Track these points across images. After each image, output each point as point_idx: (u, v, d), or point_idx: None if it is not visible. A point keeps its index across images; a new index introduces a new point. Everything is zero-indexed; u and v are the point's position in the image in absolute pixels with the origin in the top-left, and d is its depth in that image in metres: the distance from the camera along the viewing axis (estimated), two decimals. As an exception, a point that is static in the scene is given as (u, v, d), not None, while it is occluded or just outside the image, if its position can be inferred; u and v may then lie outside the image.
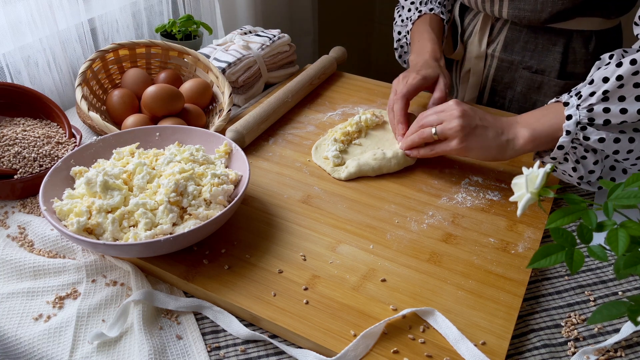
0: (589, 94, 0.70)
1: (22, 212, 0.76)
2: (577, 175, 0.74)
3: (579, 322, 0.62)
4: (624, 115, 0.68)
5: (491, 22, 0.99)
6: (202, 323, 0.61)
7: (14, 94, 0.86)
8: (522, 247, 0.69)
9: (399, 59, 1.10)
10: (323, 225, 0.72)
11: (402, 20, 1.05)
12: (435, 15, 1.00)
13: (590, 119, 0.69)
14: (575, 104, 0.71)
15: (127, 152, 0.75)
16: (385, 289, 0.63)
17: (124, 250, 0.62)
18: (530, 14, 0.90)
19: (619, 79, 0.67)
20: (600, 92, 0.68)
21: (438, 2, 1.02)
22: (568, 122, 0.70)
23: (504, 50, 0.99)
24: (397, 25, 1.06)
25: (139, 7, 1.21)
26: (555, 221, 0.45)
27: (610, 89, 0.68)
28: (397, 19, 1.07)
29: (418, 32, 0.98)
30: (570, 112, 0.70)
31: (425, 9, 1.00)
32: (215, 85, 0.96)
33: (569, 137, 0.70)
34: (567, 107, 0.71)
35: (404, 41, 1.04)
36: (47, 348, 0.58)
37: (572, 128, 0.70)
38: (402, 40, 1.05)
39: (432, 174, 0.82)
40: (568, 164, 0.74)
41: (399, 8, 1.08)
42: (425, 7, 1.00)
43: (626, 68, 0.67)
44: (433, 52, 0.93)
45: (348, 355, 0.55)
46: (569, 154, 0.72)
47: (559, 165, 0.75)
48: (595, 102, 0.69)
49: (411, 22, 1.00)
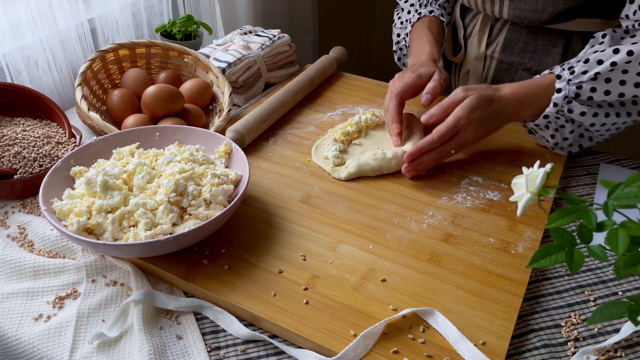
0: (581, 71, 0.76)
1: (22, 212, 0.76)
2: (554, 142, 0.83)
3: (579, 322, 0.62)
4: (607, 97, 0.75)
5: (490, 23, 0.99)
6: (202, 323, 0.61)
7: (14, 94, 0.86)
8: (522, 247, 0.69)
9: (398, 61, 1.09)
10: (323, 225, 0.72)
11: (401, 22, 1.04)
12: (435, 18, 0.99)
13: (576, 94, 0.76)
14: (567, 78, 0.77)
15: (127, 152, 0.75)
16: (385, 289, 0.63)
17: (124, 250, 0.62)
18: (531, 14, 0.90)
19: (613, 65, 0.74)
20: (592, 72, 0.75)
21: (438, 4, 1.01)
22: (557, 95, 0.77)
23: (504, 51, 0.98)
24: (396, 28, 1.06)
25: (139, 7, 1.21)
26: (555, 221, 0.45)
27: (602, 72, 0.74)
28: (397, 21, 1.06)
29: (417, 35, 0.97)
30: (560, 86, 0.77)
31: (425, 12, 0.99)
32: (215, 85, 0.96)
33: (555, 109, 0.77)
34: (558, 80, 0.77)
35: (403, 44, 1.04)
36: (47, 348, 0.58)
37: (559, 101, 0.77)
38: (401, 43, 1.04)
39: (432, 174, 0.82)
40: (548, 131, 0.82)
41: (398, 10, 1.08)
42: (424, 9, 1.00)
43: (622, 57, 0.73)
44: (431, 54, 0.93)
45: (348, 355, 0.55)
46: (551, 123, 0.80)
47: (539, 131, 0.83)
48: (585, 81, 0.75)
49: (410, 25, 1.00)
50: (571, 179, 0.84)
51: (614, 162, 0.88)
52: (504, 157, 0.86)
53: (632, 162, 0.88)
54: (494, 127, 0.81)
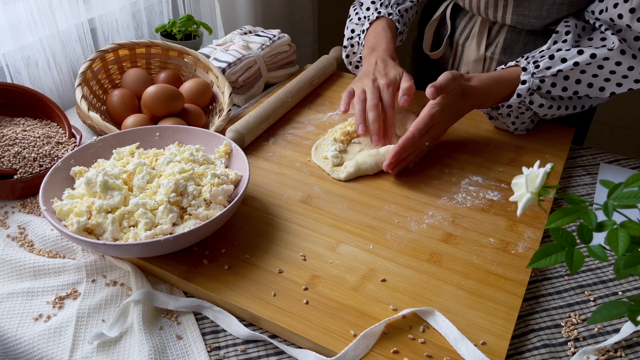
0: (545, 67, 0.82)
1: (22, 212, 0.76)
2: (514, 127, 0.90)
3: (579, 322, 0.62)
4: (564, 92, 0.83)
5: (489, 25, 0.99)
6: (202, 323, 0.61)
7: (14, 94, 0.86)
8: (522, 247, 0.69)
9: (346, 59, 1.05)
10: (323, 225, 0.72)
11: (358, 18, 1.02)
12: (392, 22, 0.99)
13: (538, 87, 0.82)
14: (531, 71, 0.82)
15: (127, 152, 0.75)
16: (385, 289, 0.63)
17: (124, 250, 0.62)
18: (535, 20, 0.90)
19: (575, 65, 0.80)
20: (555, 69, 0.81)
21: (398, 10, 1.00)
22: (521, 87, 0.82)
23: (503, 52, 0.98)
24: (351, 23, 1.03)
25: (139, 7, 1.21)
26: (555, 221, 0.45)
27: (564, 70, 0.81)
28: (353, 16, 1.03)
29: (374, 31, 0.97)
30: (525, 78, 0.82)
31: (384, 12, 0.99)
32: (215, 85, 0.96)
33: (519, 99, 0.83)
34: (524, 72, 0.83)
35: (357, 40, 1.01)
36: (47, 348, 0.58)
37: (523, 92, 0.83)
38: (354, 39, 1.01)
39: (432, 174, 0.82)
40: (509, 119, 0.88)
41: (355, 5, 1.05)
42: (384, 9, 0.99)
43: (584, 58, 0.80)
44: (388, 50, 0.93)
45: (348, 355, 0.55)
46: (513, 111, 0.86)
47: (501, 118, 0.89)
48: (547, 76, 0.82)
49: (368, 22, 0.98)
50: (571, 179, 0.85)
51: (614, 162, 0.88)
52: (504, 157, 0.86)
53: (632, 162, 0.88)
54: (460, 115, 0.85)
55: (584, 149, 0.92)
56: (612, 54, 0.79)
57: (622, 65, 0.79)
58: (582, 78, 0.81)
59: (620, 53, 0.79)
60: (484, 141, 0.90)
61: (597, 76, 0.81)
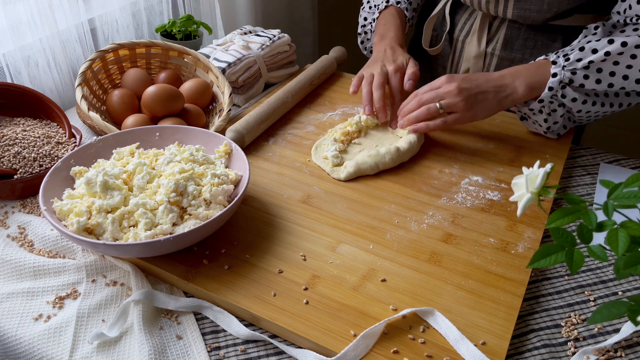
0: (576, 59, 0.79)
1: (22, 212, 0.76)
2: (546, 126, 0.86)
3: (579, 322, 0.62)
4: (597, 85, 0.79)
5: (489, 21, 0.99)
6: (202, 323, 0.61)
7: (14, 94, 0.86)
8: (522, 247, 0.69)
9: (360, 44, 1.12)
10: (323, 225, 0.72)
11: (369, 7, 1.08)
12: (401, 10, 1.03)
13: (570, 80, 0.79)
14: (562, 64, 0.80)
15: (127, 152, 0.75)
16: (385, 289, 0.63)
17: (124, 250, 0.62)
18: (536, 14, 0.90)
19: (606, 55, 0.77)
20: (586, 60, 0.78)
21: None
22: (552, 80, 0.80)
23: (504, 48, 0.99)
24: (364, 11, 1.09)
25: (139, 7, 1.21)
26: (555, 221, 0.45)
27: (595, 61, 0.78)
28: (365, 5, 1.10)
29: (384, 20, 1.02)
30: (556, 71, 0.80)
31: (393, 1, 1.04)
32: (215, 85, 0.96)
33: (551, 93, 0.81)
34: (554, 65, 0.81)
35: (369, 28, 1.07)
36: (47, 348, 0.58)
37: (555, 85, 0.80)
38: (367, 27, 1.07)
39: (432, 174, 0.82)
40: (541, 116, 0.85)
41: None
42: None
43: (615, 47, 0.77)
44: (398, 38, 0.98)
45: (348, 355, 0.55)
46: (545, 107, 0.83)
47: (533, 116, 0.86)
48: (579, 68, 0.79)
49: (378, 11, 1.04)
50: (571, 179, 0.85)
51: (614, 162, 0.88)
52: (504, 157, 0.86)
53: (632, 162, 0.88)
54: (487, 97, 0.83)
55: (584, 149, 0.92)
56: None
57: None
58: (616, 70, 0.78)
59: None
60: (484, 141, 0.90)
61: (631, 67, 0.77)
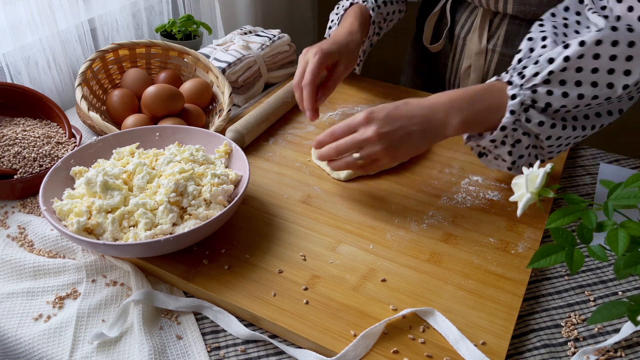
0: (532, 74, 0.68)
1: (22, 212, 0.76)
2: (511, 160, 0.72)
3: (579, 322, 0.62)
4: (565, 99, 0.67)
5: (490, 17, 0.99)
6: (202, 323, 0.61)
7: (14, 94, 0.86)
8: (522, 247, 0.69)
9: None
10: (323, 225, 0.72)
11: (337, 8, 1.04)
12: (365, 9, 0.99)
13: (533, 100, 0.68)
14: (518, 83, 0.69)
15: (127, 152, 0.75)
16: (385, 289, 0.63)
17: (124, 250, 0.62)
18: (536, 8, 0.90)
19: (566, 60, 0.66)
20: (544, 72, 0.67)
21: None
22: (512, 102, 0.68)
23: (505, 44, 0.98)
24: (332, 13, 1.05)
25: (139, 7, 1.21)
26: (555, 221, 0.45)
27: (555, 71, 0.67)
28: (335, 8, 1.05)
29: (345, 17, 0.98)
30: (515, 92, 0.68)
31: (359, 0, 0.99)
32: (215, 85, 0.96)
33: (513, 117, 0.68)
34: (510, 86, 0.69)
35: (334, 29, 1.01)
36: (47, 348, 0.58)
37: (516, 108, 0.68)
38: (332, 29, 1.03)
39: (432, 174, 0.82)
40: (505, 147, 0.71)
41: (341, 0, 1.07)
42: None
43: (574, 50, 0.66)
44: (350, 25, 0.92)
45: (348, 355, 0.55)
46: (508, 137, 0.70)
47: (495, 150, 0.72)
48: (538, 83, 0.68)
49: (343, 9, 1.00)
50: (571, 179, 0.85)
51: (614, 162, 0.88)
52: (504, 157, 0.86)
53: (632, 162, 0.88)
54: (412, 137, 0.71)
55: (584, 149, 0.92)
56: (604, 34, 0.65)
57: (619, 45, 0.65)
58: (582, 78, 0.67)
59: (612, 30, 0.65)
60: (484, 141, 0.90)
61: (597, 70, 0.66)
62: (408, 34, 1.20)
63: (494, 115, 0.69)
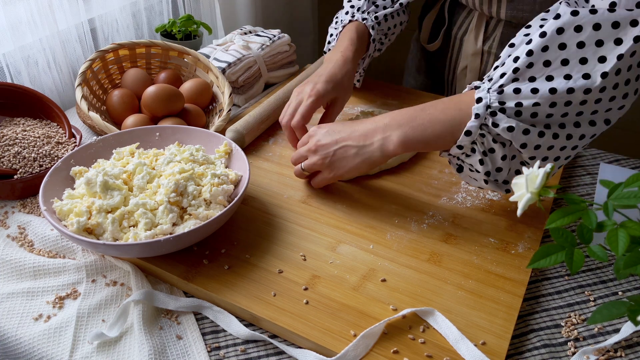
0: (499, 75, 0.64)
1: (22, 212, 0.76)
2: (484, 170, 0.67)
3: (579, 322, 0.62)
4: (535, 96, 0.61)
5: (486, 20, 0.99)
6: (202, 323, 0.61)
7: (14, 94, 0.86)
8: (522, 247, 0.69)
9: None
10: (323, 225, 0.72)
11: (336, 22, 1.00)
12: (364, 27, 0.95)
13: (501, 102, 0.63)
14: (486, 87, 0.65)
15: (127, 152, 0.75)
16: (385, 289, 0.63)
17: (124, 250, 0.62)
18: (529, 14, 0.90)
19: (529, 55, 0.61)
20: (510, 71, 0.63)
21: (375, 16, 0.96)
22: (477, 105, 0.64)
23: (501, 46, 0.99)
24: (331, 27, 1.01)
25: (139, 7, 1.21)
26: (555, 221, 0.45)
27: (521, 67, 0.62)
28: (334, 21, 1.01)
29: (342, 35, 0.94)
30: (481, 95, 0.64)
31: (359, 17, 0.95)
32: (215, 85, 0.96)
33: (478, 122, 0.64)
34: (478, 90, 0.65)
35: (333, 44, 0.98)
36: (47, 348, 0.58)
37: (481, 111, 0.63)
38: (331, 44, 0.99)
39: (432, 174, 0.82)
40: (475, 156, 0.67)
41: (340, 11, 1.02)
42: (359, 14, 0.95)
43: (536, 43, 0.61)
44: (345, 50, 0.89)
45: (348, 355, 0.55)
46: (477, 144, 0.66)
47: (467, 159, 0.68)
48: (505, 83, 0.63)
49: (342, 25, 0.96)
50: (571, 179, 0.85)
51: (614, 162, 0.88)
52: (504, 157, 0.86)
53: (632, 162, 0.88)
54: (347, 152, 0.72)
55: (584, 149, 0.92)
56: (564, 20, 0.59)
57: (584, 29, 0.59)
58: (553, 72, 0.61)
59: (572, 15, 0.59)
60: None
61: (567, 62, 0.60)
62: (411, 32, 1.20)
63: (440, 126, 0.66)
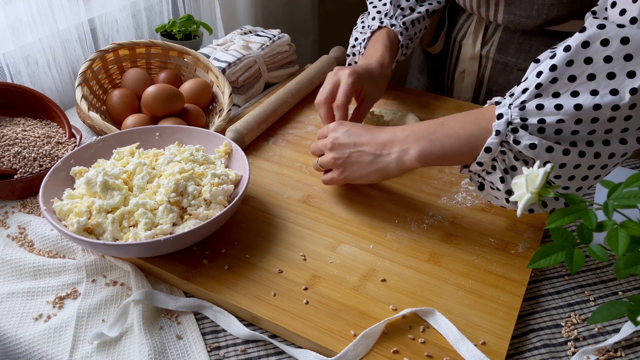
0: (521, 90, 0.62)
1: (22, 212, 0.76)
2: (505, 189, 0.64)
3: (579, 322, 0.62)
4: (560, 112, 0.58)
5: (485, 24, 0.99)
6: (202, 323, 0.61)
7: (14, 94, 0.86)
8: (522, 247, 0.69)
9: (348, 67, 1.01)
10: (323, 225, 0.72)
11: (362, 27, 0.98)
12: (394, 33, 0.94)
13: (522, 119, 0.60)
14: (507, 103, 0.63)
15: (127, 152, 0.75)
16: (385, 289, 0.63)
17: (124, 250, 0.62)
18: (526, 19, 0.90)
19: (553, 69, 0.59)
20: (532, 87, 0.60)
21: (403, 22, 0.95)
22: (498, 122, 0.62)
23: (499, 51, 0.99)
24: (356, 31, 0.99)
25: (139, 7, 1.21)
26: (555, 221, 0.45)
27: (544, 82, 0.59)
28: (359, 25, 1.00)
29: (374, 41, 0.93)
30: (502, 111, 0.62)
31: (387, 23, 0.94)
32: (215, 85, 0.96)
33: (498, 138, 0.62)
34: (498, 106, 0.63)
35: (358, 49, 0.97)
36: (47, 348, 0.58)
37: (502, 128, 0.61)
38: (356, 48, 0.97)
39: (432, 174, 0.82)
40: (496, 174, 0.64)
41: (364, 15, 1.02)
42: (388, 20, 0.95)
43: (560, 58, 0.58)
44: (382, 57, 0.88)
45: (348, 355, 0.55)
46: (497, 161, 0.63)
47: (487, 177, 0.65)
48: (527, 99, 0.60)
49: (370, 31, 0.95)
50: (571, 179, 0.84)
51: (614, 162, 0.88)
52: (504, 157, 0.86)
53: (632, 162, 0.88)
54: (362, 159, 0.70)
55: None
56: (590, 33, 0.57)
57: (611, 43, 0.56)
58: (578, 88, 0.58)
59: (599, 28, 0.56)
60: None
61: (594, 77, 0.57)
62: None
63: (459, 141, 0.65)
